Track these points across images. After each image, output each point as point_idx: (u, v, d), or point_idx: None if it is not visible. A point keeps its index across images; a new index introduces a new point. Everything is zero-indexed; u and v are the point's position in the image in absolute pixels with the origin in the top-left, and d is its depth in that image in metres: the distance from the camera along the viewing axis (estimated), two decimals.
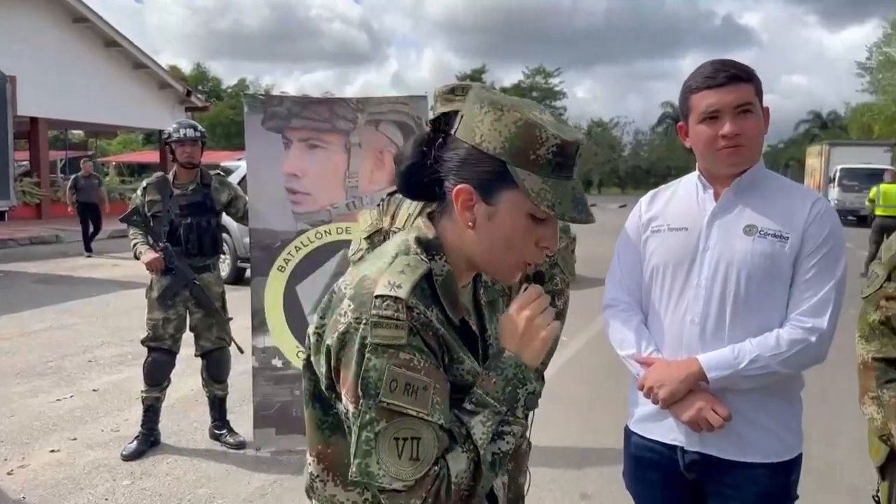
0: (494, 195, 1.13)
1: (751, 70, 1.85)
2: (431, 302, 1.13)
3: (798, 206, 1.84)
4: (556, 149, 1.11)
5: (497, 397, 1.12)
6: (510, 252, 1.15)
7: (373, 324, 1.07)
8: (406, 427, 1.05)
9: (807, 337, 1.76)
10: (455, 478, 1.06)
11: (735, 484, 1.85)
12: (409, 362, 1.06)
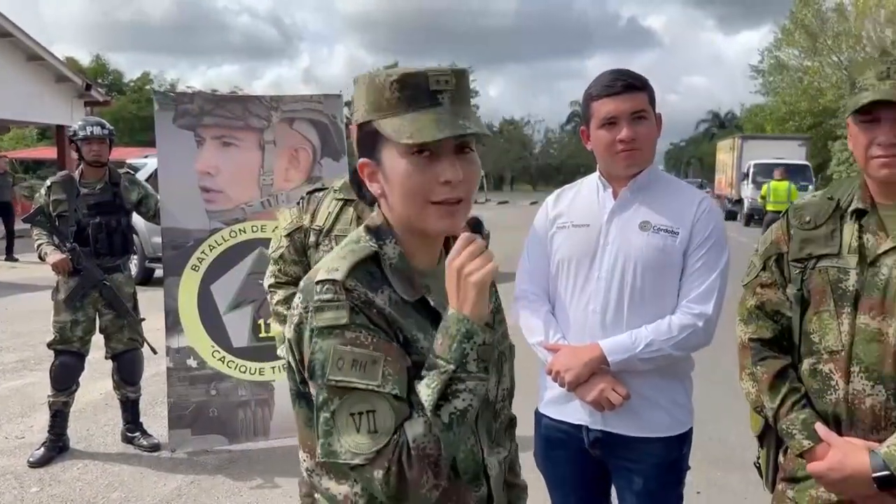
0: (378, 156, 1.17)
1: (645, 79, 2.03)
2: (382, 283, 1.16)
3: (686, 204, 2.02)
4: (398, 85, 1.12)
5: (444, 357, 1.10)
6: (415, 199, 1.15)
7: (315, 309, 1.11)
8: (359, 401, 1.08)
9: (695, 322, 1.95)
10: (413, 443, 1.07)
11: (635, 458, 2.02)
12: (356, 340, 1.09)
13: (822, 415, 1.65)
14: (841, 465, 1.56)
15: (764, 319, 1.74)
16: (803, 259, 1.68)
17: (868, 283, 1.58)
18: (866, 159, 1.58)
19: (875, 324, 1.56)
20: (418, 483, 1.08)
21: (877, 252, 1.59)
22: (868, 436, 1.58)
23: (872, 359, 1.56)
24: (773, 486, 1.82)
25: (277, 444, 4.24)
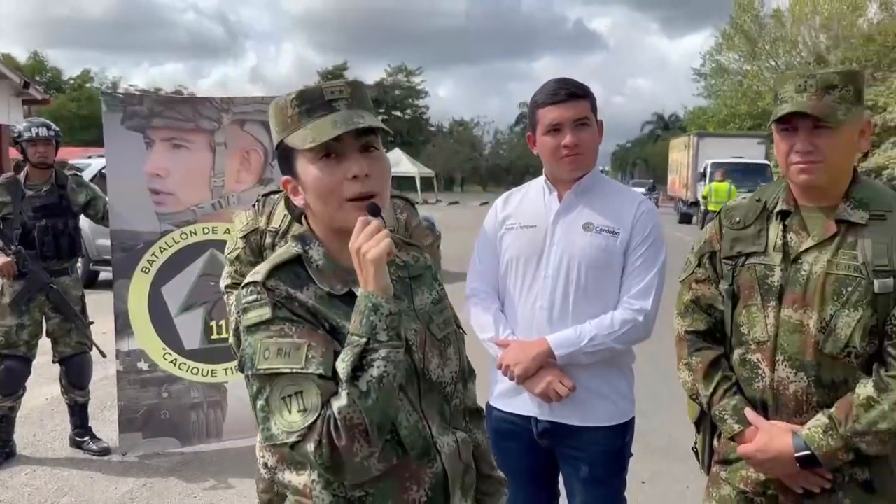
0: (295, 170, 1.30)
1: (587, 88, 2.14)
2: (307, 281, 1.28)
3: (627, 206, 2.15)
4: (297, 101, 1.27)
5: (356, 332, 1.19)
6: (330, 198, 1.27)
7: (242, 311, 1.24)
8: (288, 385, 1.18)
9: (635, 317, 2.07)
10: (339, 414, 1.15)
11: (581, 446, 2.13)
12: (280, 331, 1.20)
13: (751, 401, 1.78)
14: (767, 447, 1.70)
15: (699, 313, 1.86)
16: (734, 257, 1.81)
17: (791, 279, 1.71)
18: (787, 165, 1.72)
19: (797, 316, 1.70)
20: (350, 451, 1.16)
21: (799, 250, 1.72)
22: (792, 419, 1.71)
23: (795, 348, 1.70)
24: (708, 469, 1.95)
25: (231, 446, 4.25)
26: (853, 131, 1.68)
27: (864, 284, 1.64)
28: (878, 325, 1.64)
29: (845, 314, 1.65)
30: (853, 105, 1.65)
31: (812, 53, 40.24)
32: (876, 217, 1.67)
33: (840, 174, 1.71)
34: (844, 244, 1.68)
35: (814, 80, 1.65)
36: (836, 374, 1.67)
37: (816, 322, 1.67)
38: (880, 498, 1.69)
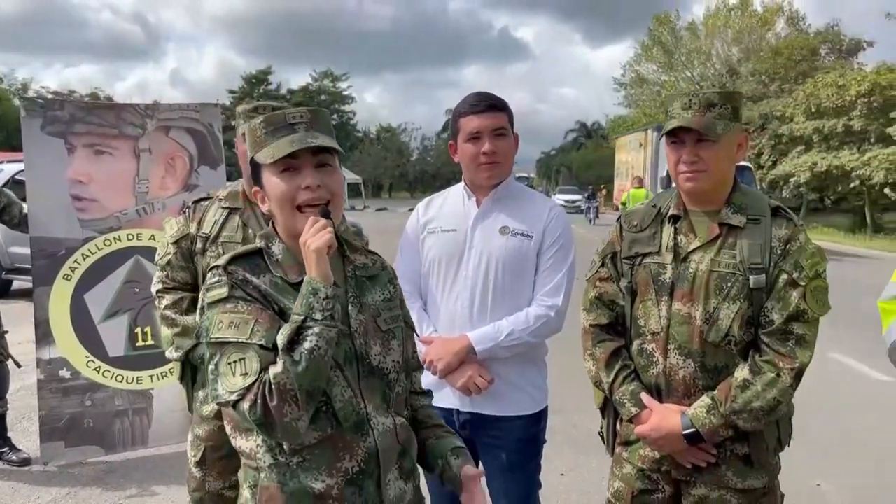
0: (261, 182, 1.52)
1: (505, 102, 2.32)
2: (265, 270, 1.49)
3: (539, 211, 2.32)
4: (264, 124, 1.50)
5: (297, 310, 1.39)
6: (285, 205, 1.48)
7: (206, 290, 1.46)
8: (233, 352, 1.37)
9: (548, 312, 2.24)
10: (274, 379, 1.33)
11: (498, 435, 2.29)
12: (234, 308, 1.41)
13: (647, 386, 1.97)
14: (659, 427, 1.89)
15: (602, 308, 2.05)
16: (632, 257, 2.00)
17: (680, 276, 1.91)
18: (676, 174, 1.92)
19: (686, 309, 1.90)
20: (281, 412, 1.34)
21: (687, 250, 1.93)
22: (682, 401, 1.91)
23: (684, 338, 1.90)
24: (613, 451, 2.14)
25: (157, 453, 4.24)
26: (732, 144, 1.90)
27: (741, 280, 1.85)
28: (753, 317, 1.86)
29: (726, 307, 1.86)
30: (731, 121, 1.87)
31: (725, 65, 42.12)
32: (752, 220, 1.89)
33: (721, 182, 1.92)
34: (725, 245, 1.89)
35: (697, 98, 1.86)
36: (719, 360, 1.88)
37: (702, 314, 1.87)
38: (758, 470, 1.92)
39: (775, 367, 1.82)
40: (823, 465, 4.24)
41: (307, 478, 1.45)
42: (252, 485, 1.50)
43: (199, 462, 2.51)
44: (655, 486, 2.00)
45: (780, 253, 1.85)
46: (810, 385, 1.76)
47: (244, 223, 2.46)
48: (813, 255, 1.86)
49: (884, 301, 1.79)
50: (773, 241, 1.87)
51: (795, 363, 1.82)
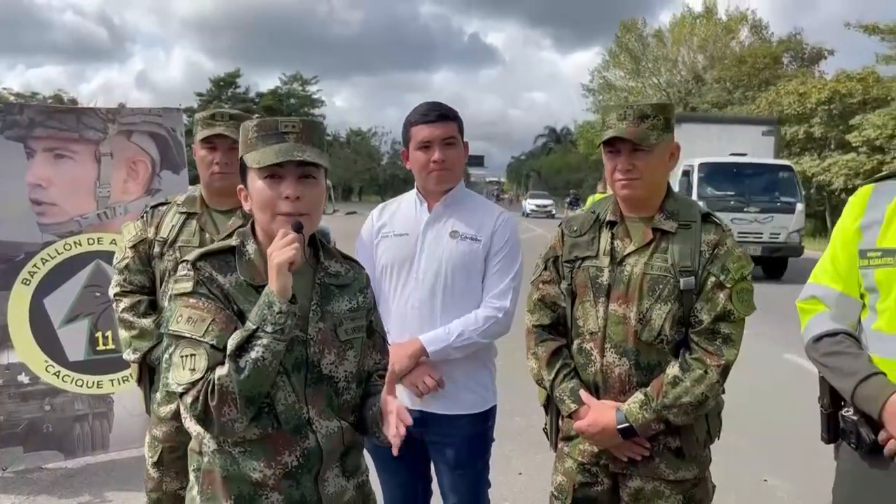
0: (246, 182, 1.60)
1: (455, 112, 2.40)
2: (233, 269, 1.56)
3: (488, 217, 2.40)
4: (256, 128, 1.57)
5: (251, 319, 1.47)
6: (266, 211, 1.55)
7: (174, 281, 1.55)
8: (186, 347, 1.46)
9: (496, 314, 2.32)
10: (217, 381, 1.42)
11: (448, 432, 2.36)
12: (196, 304, 1.49)
13: (586, 383, 2.06)
14: (596, 422, 1.99)
15: (544, 309, 2.14)
16: (572, 260, 2.10)
17: (616, 279, 2.01)
18: (612, 182, 2.02)
19: (621, 310, 1.99)
20: (219, 412, 1.43)
21: (623, 254, 2.03)
22: (618, 397, 2.01)
23: (619, 337, 1.99)
24: (556, 446, 2.22)
25: (117, 457, 4.24)
26: (664, 153, 2.01)
27: (672, 283, 1.95)
28: (683, 317, 1.96)
29: (658, 308, 1.96)
30: (663, 132, 1.98)
31: (691, 72, 42.81)
32: (683, 226, 2.00)
33: (655, 189, 2.03)
34: (658, 249, 1.99)
35: (632, 110, 1.96)
36: (652, 358, 1.98)
37: (636, 315, 1.97)
38: (689, 462, 2.02)
39: (703, 364, 1.92)
40: (771, 462, 4.39)
41: (247, 466, 1.54)
42: (196, 468, 1.60)
43: (157, 463, 2.55)
44: (595, 480, 2.09)
45: (709, 257, 1.96)
46: (766, 385, 1.86)
47: (201, 227, 2.51)
48: (739, 258, 1.97)
49: (801, 301, 1.89)
50: (702, 246, 1.97)
51: (722, 360, 1.92)
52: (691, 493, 2.03)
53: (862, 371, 1.67)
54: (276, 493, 1.55)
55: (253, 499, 1.54)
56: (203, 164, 2.52)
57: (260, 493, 1.54)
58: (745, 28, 41.83)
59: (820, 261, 1.90)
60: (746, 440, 4.73)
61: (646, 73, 44.96)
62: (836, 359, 1.74)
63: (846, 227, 1.81)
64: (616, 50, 45.60)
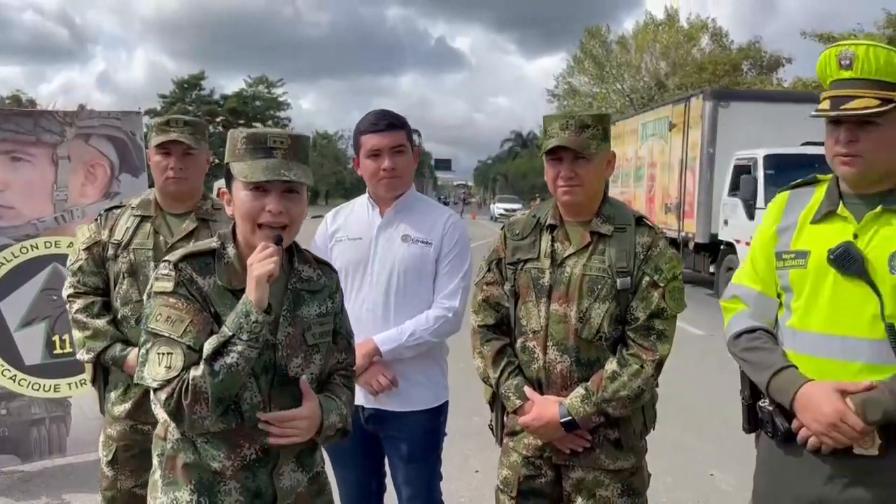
0: (230, 187, 1.66)
1: (404, 120, 2.49)
2: (212, 272, 1.63)
3: (438, 221, 2.49)
4: (245, 140, 1.62)
5: (227, 325, 1.55)
6: (248, 221, 1.62)
7: (154, 279, 1.61)
8: (163, 345, 1.54)
9: (446, 314, 2.41)
10: (192, 380, 1.51)
11: (400, 428, 2.45)
12: (175, 304, 1.56)
13: (529, 380, 2.16)
14: (540, 416, 2.08)
15: (489, 310, 2.23)
16: (514, 262, 2.19)
17: (557, 280, 2.11)
18: (554, 188, 2.12)
19: (562, 309, 2.09)
20: (192, 410, 1.52)
21: (563, 256, 2.13)
22: (560, 393, 2.11)
23: (561, 335, 2.09)
24: (501, 442, 2.31)
25: (75, 461, 4.23)
26: (602, 161, 2.12)
27: (609, 283, 2.06)
28: (620, 315, 2.07)
29: (597, 306, 2.06)
30: (602, 141, 2.09)
31: (653, 78, 43.49)
32: (619, 229, 2.11)
33: (594, 195, 2.14)
34: (596, 251, 2.10)
35: (573, 120, 2.07)
36: (592, 354, 2.09)
37: (576, 313, 2.07)
38: (627, 452, 2.12)
39: (639, 359, 2.03)
40: (718, 456, 4.54)
41: (207, 455, 1.62)
42: (160, 454, 1.68)
43: (111, 462, 2.58)
44: (539, 472, 2.19)
45: (643, 258, 2.07)
46: (720, 383, 1.97)
47: (155, 230, 2.55)
48: (671, 259, 2.09)
49: (724, 300, 2.01)
50: (636, 248, 2.09)
51: (656, 355, 2.04)
52: (629, 482, 2.13)
53: (776, 365, 1.79)
54: (234, 482, 1.64)
55: (212, 485, 1.63)
56: (158, 169, 2.56)
57: (218, 482, 1.63)
58: (706, 36, 42.62)
59: (741, 263, 2.02)
60: (697, 436, 4.90)
61: (609, 79, 45.51)
62: (754, 354, 1.85)
63: (764, 231, 1.94)
64: (580, 56, 46.09)
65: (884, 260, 1.70)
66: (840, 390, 1.70)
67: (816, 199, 1.86)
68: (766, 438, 1.89)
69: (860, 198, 1.78)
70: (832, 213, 1.81)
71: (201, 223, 2.58)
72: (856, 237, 1.75)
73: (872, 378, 1.69)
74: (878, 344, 1.70)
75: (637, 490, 2.15)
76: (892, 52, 1.67)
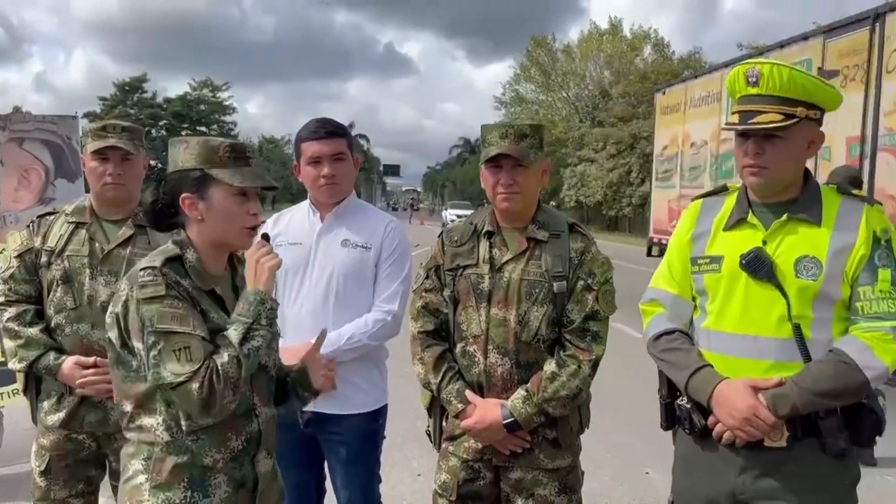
0: (204, 192, 1.74)
1: (345, 128, 2.54)
2: (184, 276, 1.72)
3: (378, 226, 2.54)
4: (229, 149, 1.76)
5: (244, 313, 1.70)
6: (234, 224, 1.75)
7: (139, 286, 1.65)
8: (178, 341, 1.61)
9: (385, 317, 2.46)
10: (221, 367, 1.62)
11: (339, 431, 2.48)
12: (171, 304, 1.64)
13: (470, 384, 2.22)
14: (483, 419, 2.15)
15: (428, 316, 2.29)
16: (454, 269, 2.26)
17: (496, 285, 2.18)
18: (493, 195, 2.20)
19: (501, 313, 2.17)
20: (223, 395, 1.62)
21: (501, 261, 2.20)
22: (501, 395, 2.18)
23: (501, 339, 2.17)
24: (439, 447, 2.36)
25: (7, 472, 4.12)
26: (539, 170, 2.21)
27: (546, 287, 2.14)
28: (557, 318, 2.15)
29: (535, 310, 2.14)
30: (539, 150, 2.18)
31: (598, 87, 44.34)
32: (554, 235, 2.20)
33: (531, 202, 2.22)
34: (533, 256, 2.18)
35: (512, 129, 2.16)
36: (531, 356, 2.16)
37: (515, 317, 2.15)
38: (564, 450, 2.20)
39: (576, 360, 2.12)
40: (653, 455, 4.68)
41: (200, 453, 1.70)
42: (146, 457, 1.71)
43: (44, 472, 2.54)
44: (477, 475, 2.24)
45: (577, 262, 2.16)
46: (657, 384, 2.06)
47: (91, 237, 2.52)
48: (603, 263, 2.18)
49: (643, 303, 2.11)
50: (571, 253, 2.17)
51: (592, 355, 2.13)
52: (566, 480, 2.21)
53: (693, 365, 1.90)
54: (222, 475, 1.73)
55: (203, 480, 1.71)
56: (94, 176, 2.53)
57: (209, 476, 1.71)
58: (649, 46, 43.76)
59: (659, 267, 2.13)
60: (635, 436, 5.04)
61: (555, 87, 46.25)
62: (672, 354, 1.96)
63: (680, 237, 2.05)
64: (527, 64, 46.74)
65: (790, 265, 1.82)
66: (752, 387, 1.81)
67: (728, 207, 1.98)
68: (684, 435, 2.00)
69: (767, 206, 1.91)
70: (743, 221, 1.92)
71: (139, 229, 2.56)
72: (765, 243, 1.86)
73: (781, 375, 1.81)
74: (785, 343, 1.82)
75: (573, 487, 2.23)
76: (794, 70, 1.79)
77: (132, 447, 1.74)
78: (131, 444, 1.74)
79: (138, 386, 1.69)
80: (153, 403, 1.68)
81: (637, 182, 31.41)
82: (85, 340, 2.46)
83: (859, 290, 1.80)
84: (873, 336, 1.77)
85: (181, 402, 1.62)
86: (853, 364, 1.75)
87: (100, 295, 2.45)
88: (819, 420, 1.80)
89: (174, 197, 1.76)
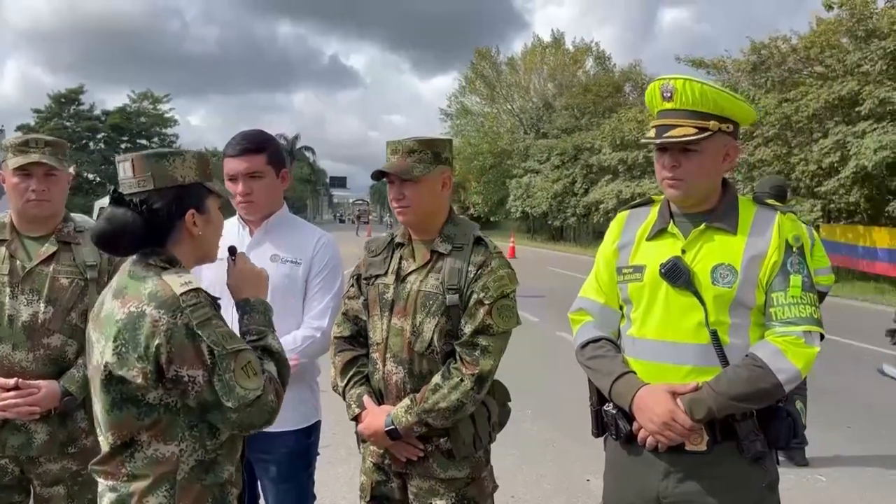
0: (203, 205, 1.74)
1: (264, 143, 2.52)
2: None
3: (308, 240, 2.53)
4: (213, 161, 1.80)
5: (264, 325, 1.81)
6: (219, 236, 1.83)
7: (191, 310, 1.58)
8: (241, 359, 1.62)
9: (314, 334, 2.45)
10: (276, 374, 1.72)
11: (270, 449, 2.44)
12: (219, 324, 1.63)
13: (374, 391, 2.25)
14: (370, 425, 2.19)
15: (347, 322, 2.33)
16: (368, 278, 2.30)
17: (399, 295, 2.21)
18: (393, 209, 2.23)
19: (400, 323, 2.20)
20: (280, 401, 1.69)
21: (406, 272, 2.23)
22: (395, 403, 2.19)
23: (397, 348, 2.20)
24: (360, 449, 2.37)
25: None
26: (434, 183, 2.22)
27: (440, 299, 2.17)
28: (452, 330, 2.16)
29: (428, 321, 2.17)
30: (431, 164, 2.19)
31: (542, 99, 45.01)
32: (456, 248, 2.22)
33: (429, 215, 2.24)
34: (434, 268, 2.21)
35: (401, 145, 2.20)
36: (424, 367, 2.18)
37: (410, 327, 2.18)
38: (459, 462, 2.18)
39: (461, 373, 2.12)
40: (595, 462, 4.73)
41: (219, 469, 1.70)
42: (169, 488, 1.62)
43: None
44: (387, 478, 2.27)
45: (474, 276, 2.17)
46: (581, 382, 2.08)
47: (11, 255, 2.45)
48: (501, 278, 2.17)
49: (571, 312, 2.15)
50: (469, 266, 2.18)
51: (476, 370, 2.11)
52: (464, 492, 2.19)
53: (616, 371, 1.94)
54: (234, 488, 1.74)
55: (223, 497, 1.71)
56: (16, 192, 2.46)
57: (226, 492, 1.72)
58: (590, 59, 44.61)
59: (588, 278, 2.17)
60: (575, 442, 5.11)
61: (500, 99, 46.77)
62: (597, 361, 2.00)
63: (606, 247, 2.10)
64: (472, 76, 47.15)
65: (707, 272, 1.89)
66: (671, 392, 1.86)
67: (651, 217, 2.04)
68: (612, 441, 2.04)
69: (687, 216, 1.97)
70: (664, 231, 1.99)
71: (62, 246, 2.49)
72: (684, 252, 1.93)
73: (699, 379, 1.86)
74: (703, 348, 1.88)
75: (474, 500, 2.20)
76: (705, 85, 1.86)
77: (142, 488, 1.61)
78: (125, 482, 1.62)
79: (156, 421, 1.60)
80: (174, 430, 1.61)
81: (581, 192, 31.97)
82: (6, 362, 2.37)
83: (773, 295, 1.87)
84: (786, 340, 1.84)
85: (255, 415, 1.62)
86: (766, 368, 1.81)
87: (21, 314, 2.37)
88: (736, 423, 1.86)
89: (181, 213, 1.70)
